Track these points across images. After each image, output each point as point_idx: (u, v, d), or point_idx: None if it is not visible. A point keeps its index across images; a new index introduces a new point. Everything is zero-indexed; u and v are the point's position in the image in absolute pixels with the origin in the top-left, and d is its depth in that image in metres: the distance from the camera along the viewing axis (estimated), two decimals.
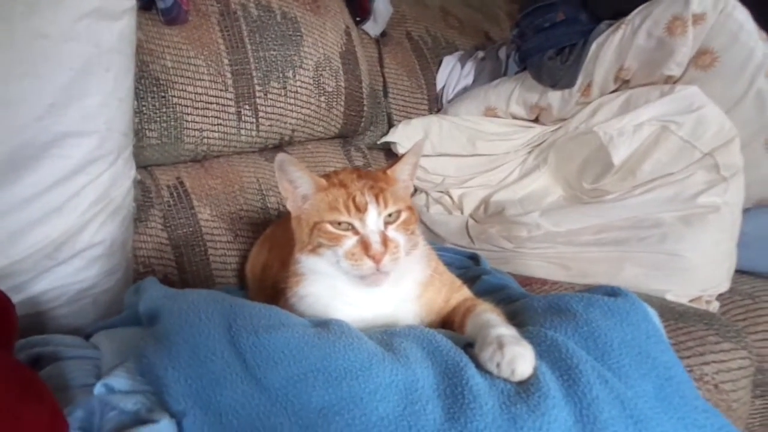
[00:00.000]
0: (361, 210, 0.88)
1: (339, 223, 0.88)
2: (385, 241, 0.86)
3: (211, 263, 1.47)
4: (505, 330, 0.83)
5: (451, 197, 1.82)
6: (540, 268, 1.50)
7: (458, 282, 1.03)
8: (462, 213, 1.77)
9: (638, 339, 0.86)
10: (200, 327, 0.78)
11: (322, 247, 0.89)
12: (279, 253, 1.18)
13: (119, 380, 0.76)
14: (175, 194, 1.50)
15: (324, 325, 0.84)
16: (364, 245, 0.86)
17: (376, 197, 0.89)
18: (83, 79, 1.08)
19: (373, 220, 0.88)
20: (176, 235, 1.46)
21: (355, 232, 0.88)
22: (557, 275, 1.46)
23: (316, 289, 0.94)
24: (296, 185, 0.92)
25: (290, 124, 1.66)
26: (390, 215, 0.89)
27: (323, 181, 0.92)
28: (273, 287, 1.10)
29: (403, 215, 0.91)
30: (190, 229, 1.47)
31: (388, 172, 0.96)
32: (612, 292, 0.96)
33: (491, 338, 0.81)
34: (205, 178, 1.56)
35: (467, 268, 1.39)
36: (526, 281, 1.38)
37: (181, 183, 1.52)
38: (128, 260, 1.30)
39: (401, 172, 0.96)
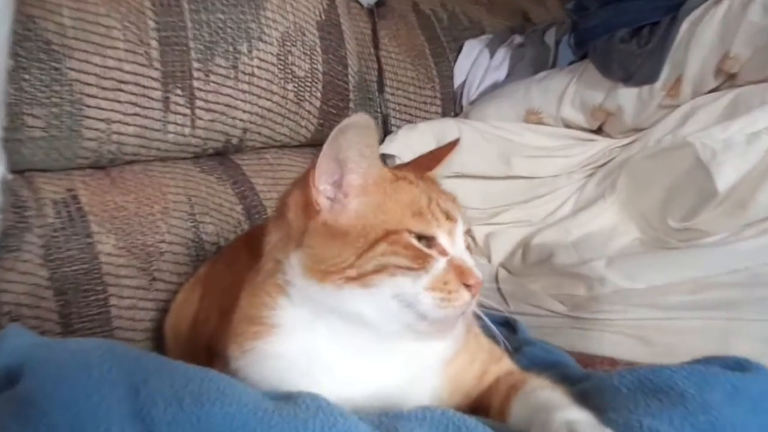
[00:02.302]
0: (453, 220, 0.87)
1: (419, 238, 0.85)
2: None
3: (113, 318, 1.40)
4: (577, 414, 0.79)
5: (473, 237, 1.74)
6: (607, 343, 1.45)
7: (498, 350, 1.02)
8: (489, 260, 1.74)
9: None
10: (88, 388, 0.70)
11: (385, 272, 0.83)
12: (218, 302, 1.15)
13: None
14: (64, 214, 1.43)
15: (288, 399, 0.77)
16: (459, 270, 0.84)
17: (456, 205, 0.90)
18: None
19: (461, 237, 0.88)
20: (62, 273, 1.39)
21: (442, 251, 0.85)
22: (634, 353, 1.40)
23: (291, 349, 0.88)
24: (349, 167, 0.86)
25: (241, 120, 1.63)
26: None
27: (388, 171, 0.89)
28: (208, 349, 1.08)
29: (467, 235, 0.92)
30: (84, 265, 1.41)
31: (430, 174, 0.96)
32: (736, 364, 0.91)
33: (557, 425, 0.76)
34: (111, 192, 1.50)
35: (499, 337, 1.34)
36: (588, 361, 1.31)
37: (75, 198, 1.46)
38: None
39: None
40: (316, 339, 0.87)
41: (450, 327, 0.88)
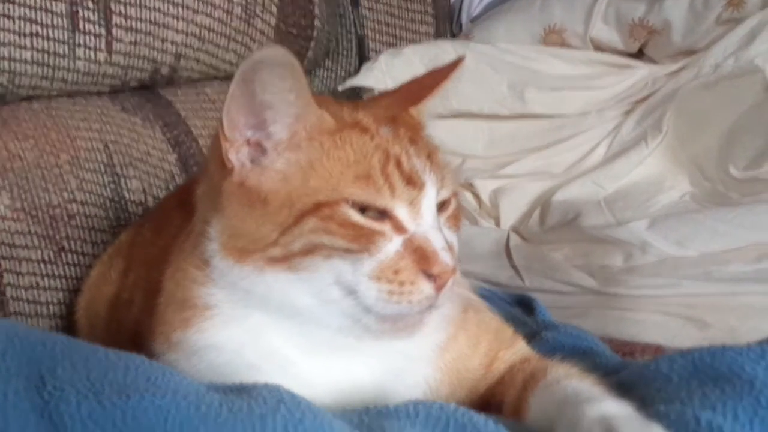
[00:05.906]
0: (416, 186, 0.86)
1: (365, 209, 0.84)
2: (450, 247, 0.86)
3: (9, 300, 1.42)
4: (614, 408, 0.79)
5: (476, 194, 1.80)
6: (650, 326, 1.47)
7: (508, 330, 1.05)
8: (498, 223, 1.75)
9: None
10: None
11: (317, 253, 0.84)
12: (144, 277, 1.18)
13: None
14: None
15: (240, 391, 0.79)
16: (420, 254, 0.84)
17: (431, 164, 0.89)
18: None
19: (430, 208, 0.87)
20: None
21: (398, 227, 0.85)
22: (684, 338, 1.42)
23: (230, 339, 0.90)
24: (268, 116, 0.85)
25: (173, 43, 1.63)
26: (444, 202, 0.91)
27: (329, 118, 0.88)
28: (132, 336, 1.10)
29: (453, 203, 0.93)
30: None
31: (413, 112, 0.96)
32: None
33: (589, 422, 0.77)
34: (1, 137, 1.51)
35: (513, 319, 1.33)
36: (625, 348, 1.34)
37: None
38: None
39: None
40: (261, 327, 0.88)
41: (411, 325, 0.88)
